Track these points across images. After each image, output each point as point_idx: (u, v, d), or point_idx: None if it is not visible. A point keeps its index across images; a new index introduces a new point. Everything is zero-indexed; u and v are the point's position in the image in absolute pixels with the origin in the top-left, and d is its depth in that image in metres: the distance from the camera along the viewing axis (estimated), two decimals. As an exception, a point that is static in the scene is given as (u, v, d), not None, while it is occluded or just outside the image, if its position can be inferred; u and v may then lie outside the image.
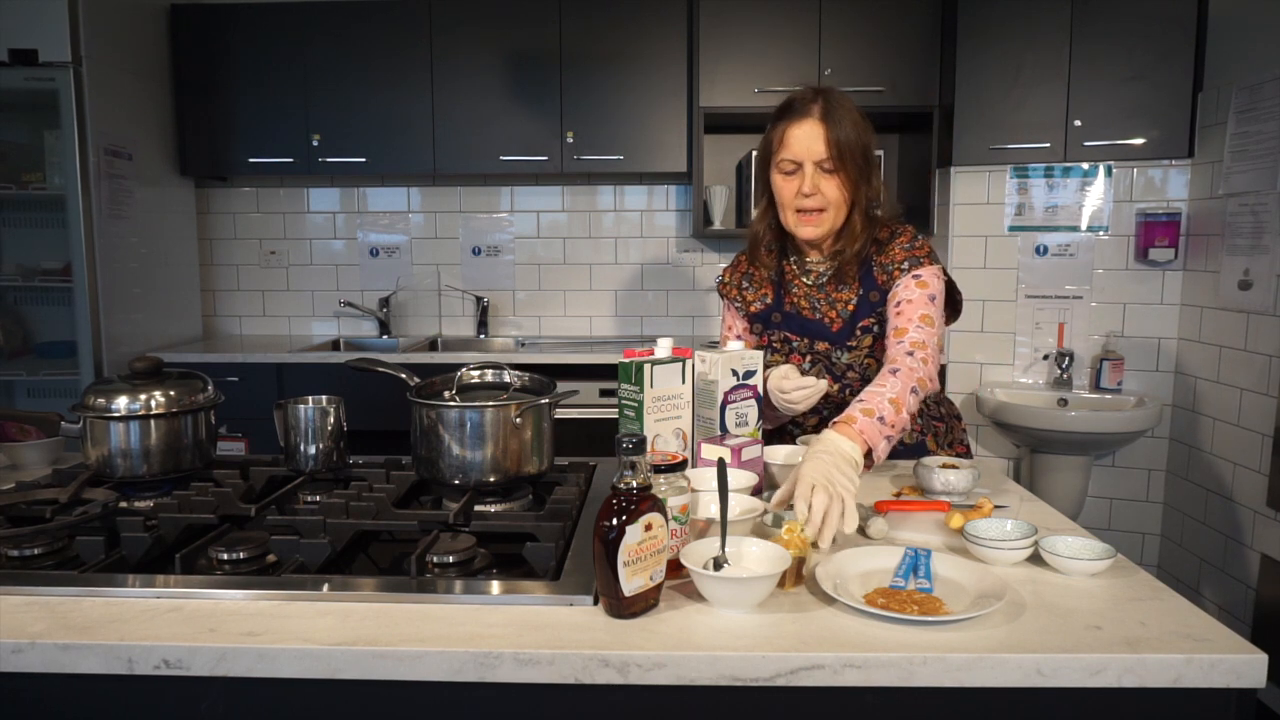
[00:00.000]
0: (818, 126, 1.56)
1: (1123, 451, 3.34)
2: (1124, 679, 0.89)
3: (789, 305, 1.72)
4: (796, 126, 1.57)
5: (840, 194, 1.59)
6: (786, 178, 1.60)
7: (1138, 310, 3.27)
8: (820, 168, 1.57)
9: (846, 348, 1.69)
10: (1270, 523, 2.67)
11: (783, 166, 1.60)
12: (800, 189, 1.58)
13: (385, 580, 1.05)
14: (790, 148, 1.58)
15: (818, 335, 1.70)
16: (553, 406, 1.38)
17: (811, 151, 1.56)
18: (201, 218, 3.89)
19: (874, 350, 1.69)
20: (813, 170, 1.57)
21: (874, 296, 1.65)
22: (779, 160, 1.60)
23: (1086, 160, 3.19)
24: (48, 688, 0.94)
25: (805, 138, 1.56)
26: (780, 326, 1.73)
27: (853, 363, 1.69)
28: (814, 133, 1.56)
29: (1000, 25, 3.14)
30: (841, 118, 1.56)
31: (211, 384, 1.50)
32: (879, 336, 1.67)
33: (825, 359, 1.71)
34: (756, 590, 0.99)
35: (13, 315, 3.42)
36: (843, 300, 1.68)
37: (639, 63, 3.43)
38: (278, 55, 3.49)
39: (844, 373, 1.70)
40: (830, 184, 1.58)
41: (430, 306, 3.95)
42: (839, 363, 1.70)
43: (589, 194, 3.85)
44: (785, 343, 1.73)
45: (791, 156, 1.58)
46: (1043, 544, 1.14)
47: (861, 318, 1.67)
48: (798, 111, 1.58)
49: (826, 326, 1.69)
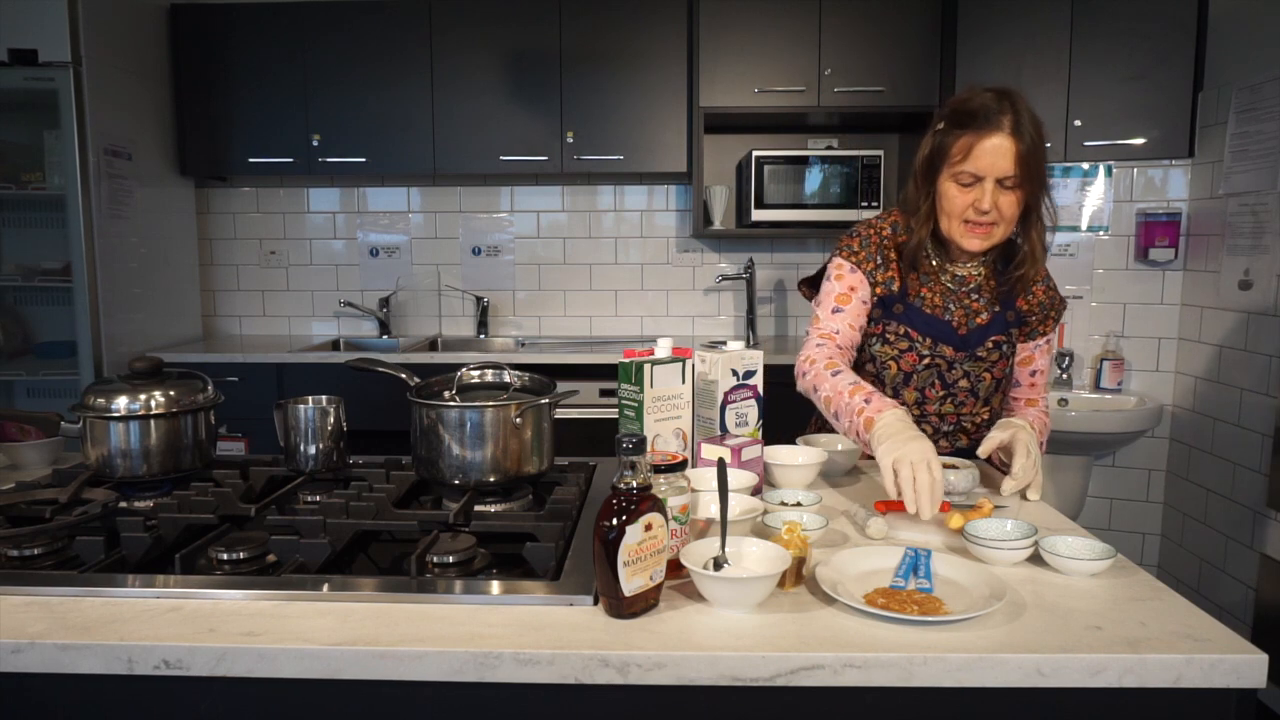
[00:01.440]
0: (1008, 142, 1.46)
1: (1123, 451, 3.34)
2: (1124, 679, 0.89)
3: (914, 297, 1.64)
4: (985, 140, 1.47)
5: (1015, 210, 1.52)
6: (963, 189, 1.51)
7: (1138, 310, 3.27)
8: (1001, 184, 1.49)
9: (975, 357, 1.64)
10: (1270, 523, 2.67)
11: (961, 179, 1.51)
12: (976, 203, 1.50)
13: (385, 580, 1.05)
14: (975, 161, 1.48)
15: (942, 338, 1.62)
16: (553, 406, 1.38)
17: (996, 168, 1.47)
18: (201, 218, 3.89)
19: (994, 366, 1.66)
20: (993, 186, 1.49)
21: (1010, 316, 1.65)
22: (958, 171, 1.50)
23: (1087, 160, 3.19)
24: (47, 688, 0.94)
25: (992, 153, 1.46)
26: (902, 319, 1.63)
27: (970, 372, 1.64)
28: (1003, 149, 1.46)
29: (1000, 25, 3.14)
30: (1028, 130, 1.47)
31: (211, 384, 1.50)
32: (1006, 356, 1.66)
33: (944, 365, 1.64)
34: (756, 590, 0.99)
35: (13, 315, 3.42)
36: (975, 309, 1.64)
37: (639, 63, 3.43)
38: (278, 55, 3.49)
39: (956, 381, 1.65)
40: (1008, 200, 1.50)
41: (430, 306, 3.95)
42: (957, 369, 1.64)
43: (589, 194, 3.85)
44: (903, 338, 1.64)
45: (974, 170, 1.48)
46: (1043, 544, 1.14)
47: (994, 333, 1.64)
48: (987, 123, 1.47)
49: (953, 330, 1.63)
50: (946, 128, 1.53)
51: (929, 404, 1.67)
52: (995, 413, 1.72)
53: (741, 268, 3.73)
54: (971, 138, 1.48)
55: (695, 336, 3.86)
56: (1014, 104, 1.48)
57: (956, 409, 1.67)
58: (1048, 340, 1.73)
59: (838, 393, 1.48)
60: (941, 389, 1.66)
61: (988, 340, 1.64)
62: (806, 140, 3.71)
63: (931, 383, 1.66)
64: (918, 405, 1.67)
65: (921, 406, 1.67)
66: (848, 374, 1.52)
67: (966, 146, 1.48)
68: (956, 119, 1.51)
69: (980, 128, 1.47)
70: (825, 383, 1.52)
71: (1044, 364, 1.74)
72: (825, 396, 1.51)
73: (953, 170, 1.51)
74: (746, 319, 3.71)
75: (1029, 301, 1.67)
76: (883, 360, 1.66)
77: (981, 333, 1.64)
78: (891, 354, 1.65)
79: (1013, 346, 1.68)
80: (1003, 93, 1.49)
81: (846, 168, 3.33)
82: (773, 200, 3.34)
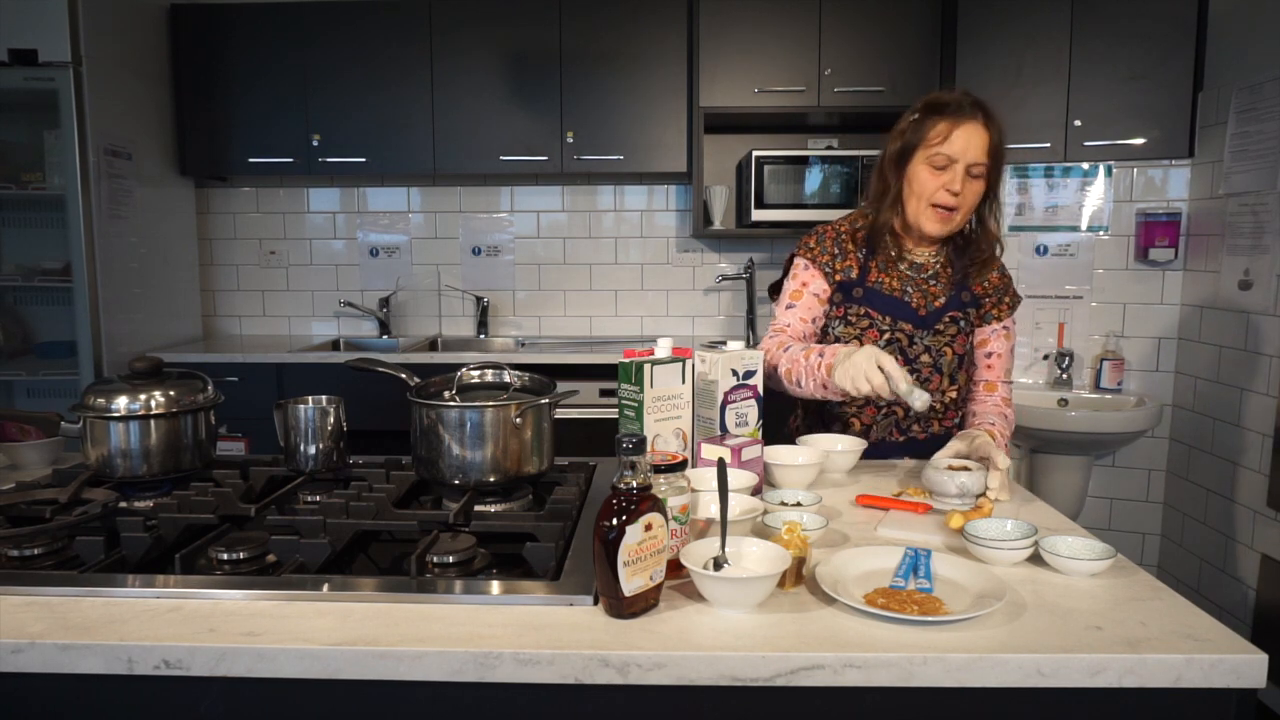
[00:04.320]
0: (981, 131, 1.59)
1: (1123, 451, 3.34)
2: (1124, 679, 0.89)
3: (872, 281, 1.73)
4: (961, 126, 1.59)
5: (975, 199, 1.64)
6: (935, 172, 1.62)
7: (1138, 310, 3.27)
8: (969, 171, 1.60)
9: (934, 330, 1.72)
10: (1270, 523, 2.67)
11: (936, 160, 1.61)
12: (948, 185, 1.61)
13: (385, 580, 1.05)
14: (952, 145, 1.59)
15: (901, 316, 1.71)
16: (553, 406, 1.38)
17: (969, 153, 1.59)
18: (201, 218, 3.89)
19: (954, 341, 1.72)
20: (963, 171, 1.60)
21: (965, 297, 1.73)
22: (933, 154, 1.61)
23: (1087, 160, 3.19)
24: (48, 688, 0.94)
25: (968, 137, 1.59)
26: (861, 301, 1.73)
27: (931, 346, 1.72)
28: (977, 136, 1.59)
29: (1000, 25, 3.14)
30: (997, 127, 1.62)
31: (211, 384, 1.50)
32: (964, 331, 1.74)
33: (905, 340, 1.71)
34: (756, 590, 0.99)
35: (13, 315, 3.42)
36: (933, 293, 1.73)
37: (639, 63, 3.43)
38: (278, 55, 3.49)
39: (918, 356, 1.72)
40: (973, 188, 1.63)
41: (430, 306, 3.95)
42: (918, 344, 1.72)
43: (589, 194, 3.85)
44: (864, 318, 1.72)
45: (949, 153, 1.59)
46: (1043, 544, 1.14)
47: (950, 310, 1.72)
48: (962, 112, 1.60)
49: (913, 310, 1.71)
50: (922, 116, 1.64)
51: None
52: (963, 392, 1.77)
53: (741, 268, 3.74)
54: (950, 123, 1.60)
55: (695, 336, 3.86)
56: (984, 104, 1.63)
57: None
58: (1005, 327, 1.78)
59: (794, 361, 1.59)
60: (904, 364, 1.70)
61: (944, 316, 1.72)
62: (806, 140, 3.71)
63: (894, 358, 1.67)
64: None
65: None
66: (798, 345, 1.63)
67: (946, 130, 1.60)
68: (932, 108, 1.63)
69: (955, 114, 1.60)
70: (781, 359, 1.62)
71: (1000, 348, 1.78)
72: (785, 370, 1.61)
73: (929, 152, 1.62)
74: (746, 319, 3.71)
75: (984, 286, 1.75)
76: (846, 340, 1.72)
77: (939, 312, 1.72)
78: (854, 333, 1.73)
79: (970, 325, 1.75)
80: (973, 98, 1.63)
81: (846, 168, 3.33)
82: (773, 200, 3.34)
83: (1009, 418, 1.74)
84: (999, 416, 1.71)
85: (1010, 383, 1.79)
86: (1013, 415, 1.76)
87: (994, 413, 1.72)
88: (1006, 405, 1.76)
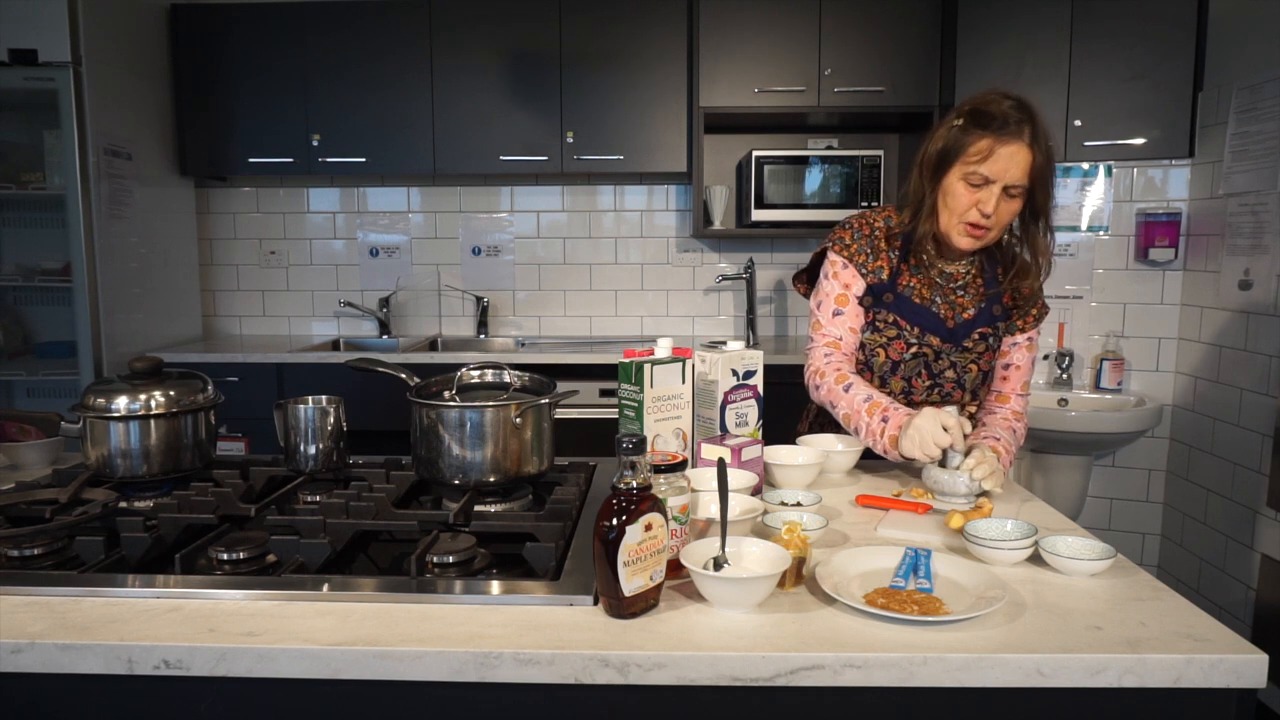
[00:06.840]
0: (1025, 152, 1.48)
1: (1123, 451, 3.34)
2: (1124, 679, 0.89)
3: (903, 286, 1.66)
4: (1004, 145, 1.48)
5: (1010, 218, 1.56)
6: (970, 189, 1.52)
7: (1138, 310, 3.27)
8: (1007, 191, 1.51)
9: (962, 348, 1.67)
10: (1270, 523, 2.67)
11: (972, 178, 1.51)
12: (980, 205, 1.52)
13: (385, 580, 1.05)
14: (992, 165, 1.49)
15: (930, 328, 1.65)
16: (553, 406, 1.38)
17: (1009, 175, 1.49)
18: (201, 218, 3.89)
19: (980, 358, 1.68)
20: (999, 191, 1.51)
21: (996, 310, 1.67)
22: (970, 172, 1.51)
23: (1087, 160, 3.19)
24: (48, 688, 0.94)
25: (1009, 159, 1.48)
26: (891, 308, 1.66)
27: (957, 363, 1.68)
28: (1020, 158, 1.48)
29: (1000, 25, 3.13)
30: (1044, 143, 1.51)
31: (211, 384, 1.50)
32: (992, 348, 1.69)
33: (931, 354, 1.67)
34: (756, 590, 0.99)
35: (12, 315, 3.42)
36: (961, 305, 1.67)
37: (639, 63, 3.43)
38: (278, 55, 3.48)
39: (942, 372, 1.68)
40: (1009, 208, 1.53)
41: (430, 306, 3.95)
42: (944, 359, 1.67)
43: (589, 194, 3.85)
44: (892, 326, 1.67)
45: (987, 173, 1.50)
46: (1043, 544, 1.14)
47: (981, 324, 1.67)
48: (1008, 130, 1.48)
49: (941, 322, 1.66)
50: (966, 125, 1.52)
51: (915, 394, 1.70)
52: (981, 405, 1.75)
53: (741, 268, 3.73)
54: (993, 140, 1.49)
55: (695, 336, 3.86)
56: (1033, 117, 1.50)
57: (943, 400, 1.70)
58: (1029, 339, 1.72)
59: (855, 411, 1.58)
60: (928, 378, 1.68)
61: (974, 332, 1.67)
62: (806, 140, 3.71)
63: (918, 372, 1.68)
64: (904, 395, 1.70)
65: (908, 396, 1.70)
66: (859, 387, 1.60)
67: (987, 149, 1.49)
68: (977, 119, 1.51)
69: (1000, 131, 1.48)
70: (840, 400, 1.61)
71: (1020, 360, 1.72)
72: (844, 414, 1.61)
73: (966, 169, 1.52)
74: (746, 319, 3.71)
75: (1014, 296, 1.69)
76: (871, 348, 1.69)
77: (968, 326, 1.67)
78: (880, 341, 1.68)
79: (998, 341, 1.71)
80: (1023, 103, 1.51)
81: (846, 168, 3.33)
82: (773, 200, 3.35)
83: (1018, 432, 1.68)
84: (1007, 430, 1.65)
85: (1026, 395, 1.73)
86: (1023, 429, 1.70)
87: (1002, 425, 1.66)
88: (1017, 419, 1.70)
